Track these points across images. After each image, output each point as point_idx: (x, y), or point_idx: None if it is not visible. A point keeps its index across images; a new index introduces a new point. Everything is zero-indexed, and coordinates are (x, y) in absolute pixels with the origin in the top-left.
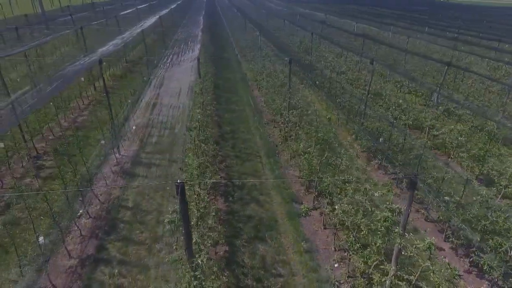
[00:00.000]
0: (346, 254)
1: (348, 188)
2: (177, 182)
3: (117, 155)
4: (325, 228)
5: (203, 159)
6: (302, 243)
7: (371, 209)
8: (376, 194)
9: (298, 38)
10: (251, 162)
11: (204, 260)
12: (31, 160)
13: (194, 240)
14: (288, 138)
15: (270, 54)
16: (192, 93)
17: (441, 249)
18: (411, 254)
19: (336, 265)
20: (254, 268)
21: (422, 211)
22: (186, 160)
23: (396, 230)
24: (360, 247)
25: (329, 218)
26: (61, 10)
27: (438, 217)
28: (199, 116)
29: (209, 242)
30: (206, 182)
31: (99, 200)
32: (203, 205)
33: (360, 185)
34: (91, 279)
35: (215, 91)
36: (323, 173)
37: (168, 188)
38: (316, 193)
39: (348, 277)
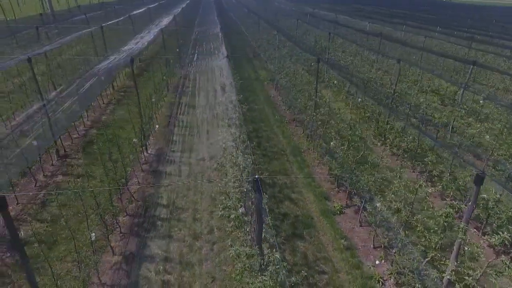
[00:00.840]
0: (386, 251)
1: (387, 186)
2: (255, 177)
3: (145, 153)
4: (361, 226)
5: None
6: (341, 241)
7: (424, 206)
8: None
9: (312, 37)
10: (278, 161)
11: (278, 256)
12: (60, 158)
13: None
14: (313, 136)
15: (285, 53)
16: (218, 91)
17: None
18: (477, 250)
19: (377, 262)
20: (296, 265)
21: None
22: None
23: (461, 225)
24: (407, 244)
25: (366, 216)
26: (69, 10)
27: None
28: (237, 114)
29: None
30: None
31: (133, 198)
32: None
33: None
34: (138, 276)
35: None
36: (358, 171)
37: (201, 184)
38: (348, 191)
39: (391, 273)
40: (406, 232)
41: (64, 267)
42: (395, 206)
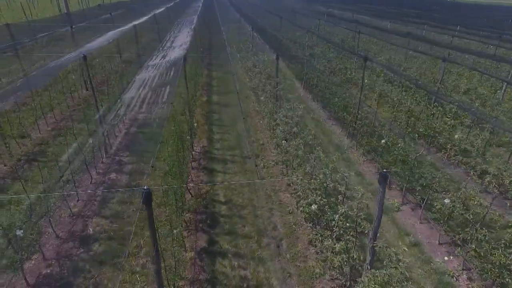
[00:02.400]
0: (453, 248)
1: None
2: (384, 171)
3: (192, 151)
4: (421, 223)
5: None
6: (406, 237)
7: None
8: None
9: (335, 36)
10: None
11: None
12: (109, 156)
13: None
14: (355, 135)
15: (319, 51)
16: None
17: None
18: None
19: (446, 258)
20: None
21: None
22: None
23: None
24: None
25: (425, 213)
26: (82, 10)
27: None
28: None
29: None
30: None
31: (191, 195)
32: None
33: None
34: (214, 271)
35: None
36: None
37: (253, 182)
38: (404, 189)
39: (463, 269)
40: (484, 229)
41: (139, 263)
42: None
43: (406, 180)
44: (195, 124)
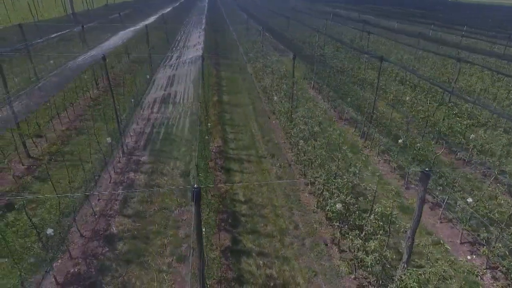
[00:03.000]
0: (475, 247)
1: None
2: (426, 170)
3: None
4: (441, 222)
5: None
6: (427, 236)
7: None
8: None
9: (346, 36)
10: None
11: None
12: (126, 156)
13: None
14: (369, 135)
15: (331, 52)
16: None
17: None
18: None
19: (469, 257)
20: (393, 260)
21: None
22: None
23: None
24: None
25: (445, 212)
26: (87, 10)
27: None
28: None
29: None
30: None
31: (210, 195)
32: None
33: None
34: (240, 269)
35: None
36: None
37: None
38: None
39: (486, 268)
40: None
41: (165, 262)
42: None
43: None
44: (209, 124)
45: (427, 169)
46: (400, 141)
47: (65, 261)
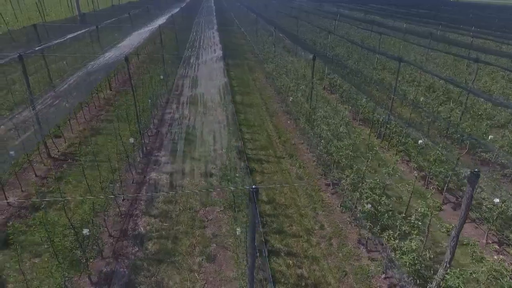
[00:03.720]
0: (502, 247)
1: None
2: (475, 170)
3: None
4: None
5: None
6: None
7: None
8: None
9: (356, 37)
10: (359, 159)
11: None
12: (145, 155)
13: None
14: (386, 136)
15: (344, 53)
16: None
17: None
18: None
19: (495, 257)
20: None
21: None
22: None
23: None
24: None
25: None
26: (93, 11)
27: None
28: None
29: None
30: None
31: (233, 195)
32: None
33: None
34: (271, 269)
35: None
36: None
37: (292, 182)
38: (445, 189)
39: None
40: None
41: (195, 261)
42: None
43: (442, 181)
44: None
45: (476, 169)
46: (420, 141)
47: (97, 260)
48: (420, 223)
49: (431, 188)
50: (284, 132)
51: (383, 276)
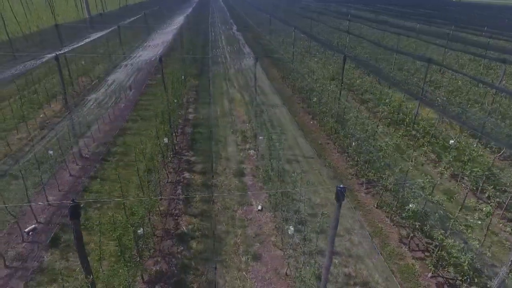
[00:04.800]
0: None
1: None
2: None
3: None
4: (501, 224)
5: None
6: (494, 236)
7: None
8: None
9: (371, 36)
10: (388, 159)
11: None
12: (175, 155)
13: None
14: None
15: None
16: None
17: None
18: None
19: None
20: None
21: None
22: None
23: None
24: None
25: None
26: (101, 14)
27: None
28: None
29: None
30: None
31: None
32: None
33: None
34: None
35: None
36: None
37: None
38: (479, 190)
39: None
40: None
41: (241, 260)
42: None
43: (475, 182)
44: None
45: None
46: (451, 142)
47: (145, 259)
48: (479, 222)
49: (465, 188)
50: (309, 133)
51: (429, 275)
